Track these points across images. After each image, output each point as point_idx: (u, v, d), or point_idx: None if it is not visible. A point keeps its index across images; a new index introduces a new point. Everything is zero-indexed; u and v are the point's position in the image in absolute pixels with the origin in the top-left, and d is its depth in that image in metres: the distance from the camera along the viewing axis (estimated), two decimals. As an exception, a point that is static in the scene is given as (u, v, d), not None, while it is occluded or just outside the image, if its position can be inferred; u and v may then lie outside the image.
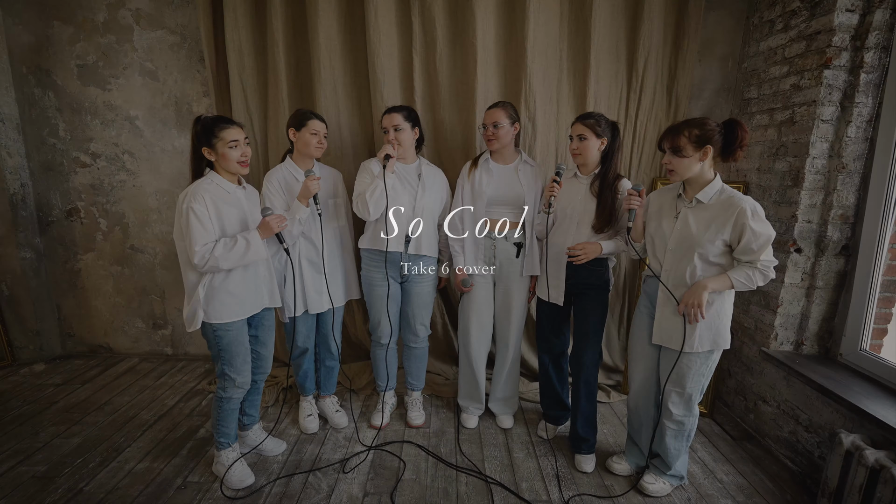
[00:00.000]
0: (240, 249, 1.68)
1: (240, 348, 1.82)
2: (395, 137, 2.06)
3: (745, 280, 1.58)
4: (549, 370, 2.22)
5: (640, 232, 1.83)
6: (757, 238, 1.53)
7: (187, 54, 2.73)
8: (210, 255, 1.63)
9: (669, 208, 1.75)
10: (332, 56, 2.47)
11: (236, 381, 1.83)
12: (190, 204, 1.62)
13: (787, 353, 2.22)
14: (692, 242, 1.62)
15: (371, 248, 2.17)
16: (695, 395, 1.74)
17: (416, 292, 2.24)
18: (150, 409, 2.50)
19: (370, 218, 2.06)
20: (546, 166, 2.56)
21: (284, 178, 2.05)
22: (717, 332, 1.67)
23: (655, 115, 2.53)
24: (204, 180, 1.71)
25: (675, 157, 1.61)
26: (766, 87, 2.33)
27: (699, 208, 1.64)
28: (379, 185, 2.00)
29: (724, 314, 1.67)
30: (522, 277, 2.21)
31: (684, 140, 1.58)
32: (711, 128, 1.57)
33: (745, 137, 1.56)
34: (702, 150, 1.57)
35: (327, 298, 2.18)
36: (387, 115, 2.09)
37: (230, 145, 1.68)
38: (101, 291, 3.10)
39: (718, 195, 1.62)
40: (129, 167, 2.90)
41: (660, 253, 1.75)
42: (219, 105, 2.64)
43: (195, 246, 1.62)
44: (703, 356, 1.69)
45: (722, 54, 2.52)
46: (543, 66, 2.45)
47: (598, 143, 1.90)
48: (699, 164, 1.60)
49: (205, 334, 1.79)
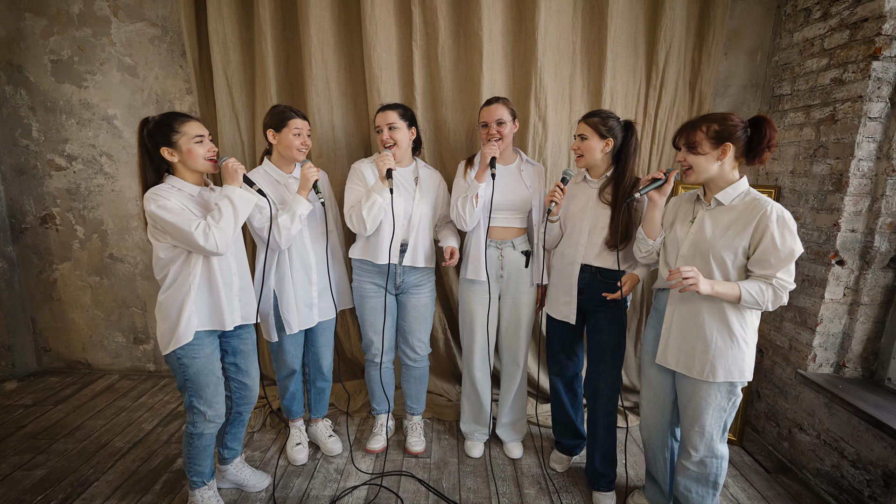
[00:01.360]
0: (227, 208, 1.50)
1: (209, 377, 1.61)
2: (389, 136, 1.87)
3: (755, 294, 1.33)
4: (561, 395, 2.01)
5: (656, 227, 1.58)
6: (778, 249, 1.31)
7: (169, 48, 2.53)
8: (210, 230, 1.45)
9: (686, 212, 1.54)
10: (325, 50, 2.27)
11: (207, 414, 1.62)
12: (153, 205, 1.42)
13: (827, 376, 2.00)
14: (706, 247, 1.41)
15: (363, 258, 1.96)
16: (716, 433, 1.49)
17: (413, 305, 2.03)
18: (124, 434, 2.28)
19: (365, 233, 1.87)
20: (557, 169, 2.35)
21: (264, 179, 1.83)
22: (735, 362, 1.41)
23: (677, 114, 2.32)
24: (162, 185, 1.50)
25: (690, 154, 1.41)
26: (800, 82, 2.12)
27: (718, 211, 1.43)
28: (377, 201, 1.81)
29: (747, 342, 1.42)
30: (531, 287, 2.00)
31: (700, 135, 1.38)
32: (734, 123, 1.36)
33: (773, 137, 1.35)
34: (720, 147, 1.37)
35: (318, 311, 1.97)
36: (381, 112, 1.90)
37: (196, 140, 1.49)
38: (79, 303, 2.89)
39: (742, 198, 1.41)
40: (108, 170, 2.70)
41: (671, 260, 1.53)
42: (202, 103, 2.44)
43: (189, 229, 1.42)
44: (725, 389, 1.45)
45: (750, 47, 2.31)
46: (555, 60, 2.24)
47: (601, 145, 1.69)
48: (717, 163, 1.39)
49: (168, 361, 1.58)
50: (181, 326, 1.51)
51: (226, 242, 1.50)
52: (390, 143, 1.88)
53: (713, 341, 1.42)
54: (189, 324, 1.52)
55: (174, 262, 1.52)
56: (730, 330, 1.41)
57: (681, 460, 1.58)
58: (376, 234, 1.91)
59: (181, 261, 1.52)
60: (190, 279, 1.52)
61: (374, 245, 1.93)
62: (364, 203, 1.81)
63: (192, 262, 1.52)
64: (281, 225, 1.72)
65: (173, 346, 1.52)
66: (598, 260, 1.75)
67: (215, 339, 1.64)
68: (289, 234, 1.75)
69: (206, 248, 1.47)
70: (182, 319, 1.51)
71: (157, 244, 1.50)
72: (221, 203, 1.51)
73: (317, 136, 2.32)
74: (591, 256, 1.76)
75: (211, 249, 1.48)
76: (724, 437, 1.52)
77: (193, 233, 1.43)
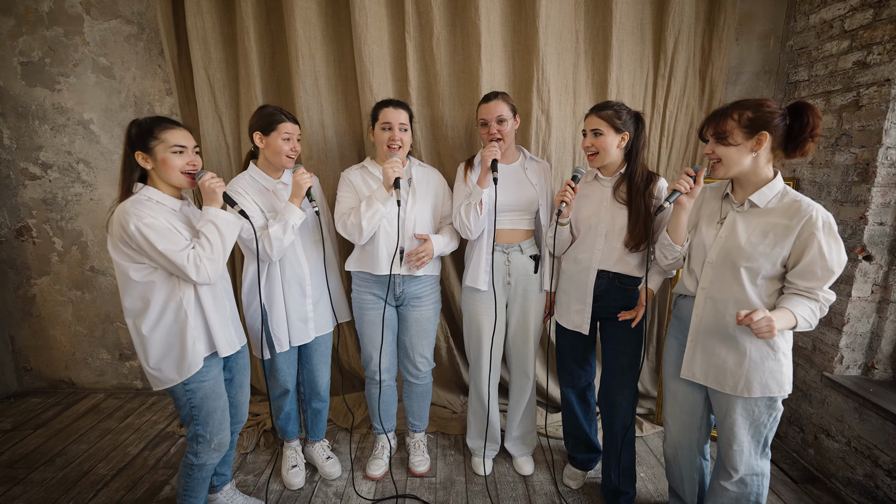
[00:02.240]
0: (214, 236, 1.36)
1: (217, 401, 1.48)
2: (399, 138, 1.74)
3: (809, 318, 1.21)
4: (573, 408, 1.87)
5: (683, 231, 1.43)
6: (825, 260, 1.18)
7: (146, 47, 2.38)
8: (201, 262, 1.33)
9: (713, 211, 1.40)
10: (312, 44, 2.13)
11: (213, 442, 1.48)
12: (136, 223, 1.27)
13: (855, 378, 1.88)
14: (739, 256, 1.28)
15: (359, 270, 1.83)
16: (756, 449, 1.37)
17: (415, 318, 1.89)
18: (108, 460, 2.13)
19: (360, 241, 1.74)
20: (562, 166, 2.22)
21: (251, 185, 1.69)
22: (772, 375, 1.28)
23: (687, 104, 2.20)
24: (138, 197, 1.35)
25: (720, 146, 1.27)
26: (819, 67, 1.99)
27: (753, 214, 1.29)
28: (379, 210, 1.68)
29: (785, 353, 1.30)
30: (541, 294, 1.87)
31: (731, 124, 1.24)
32: (771, 109, 1.21)
33: (817, 125, 1.21)
34: (755, 137, 1.22)
35: (314, 326, 1.83)
36: (393, 109, 1.74)
37: (174, 150, 1.34)
38: (60, 319, 2.74)
39: (779, 199, 1.27)
40: (86, 178, 2.54)
41: (696, 265, 1.40)
42: (183, 104, 2.29)
43: (181, 262, 1.30)
44: (764, 403, 1.32)
45: (762, 31, 2.19)
46: (558, 50, 2.11)
47: (617, 140, 1.56)
48: (750, 155, 1.25)
49: (171, 392, 1.44)
50: (188, 356, 1.38)
51: (217, 273, 1.38)
52: (396, 146, 1.74)
53: (747, 353, 1.30)
54: (195, 351, 1.39)
55: (155, 289, 1.35)
56: (764, 342, 1.28)
57: (719, 481, 1.44)
58: (371, 244, 1.78)
59: (166, 288, 1.36)
60: (185, 304, 1.38)
61: (369, 255, 1.79)
62: (365, 210, 1.67)
63: (183, 287, 1.38)
64: (272, 236, 1.58)
65: (184, 376, 1.39)
66: (617, 265, 1.62)
67: (219, 360, 1.51)
68: (281, 245, 1.61)
69: (198, 280, 1.35)
70: (188, 348, 1.38)
71: (127, 265, 1.32)
72: (206, 230, 1.36)
73: (306, 136, 2.18)
74: (609, 261, 1.62)
75: (203, 282, 1.37)
76: (766, 453, 1.39)
77: (186, 266, 1.31)
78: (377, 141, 1.77)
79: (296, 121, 1.70)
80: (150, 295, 1.34)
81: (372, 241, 1.77)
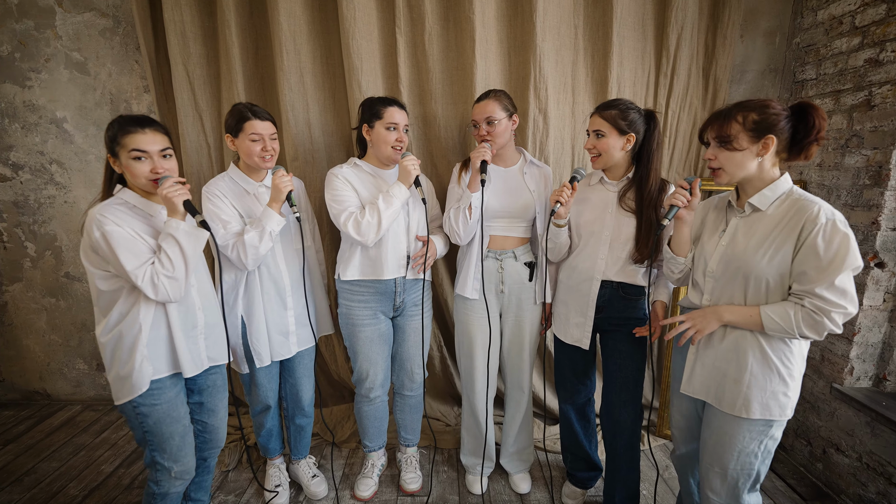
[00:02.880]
0: (174, 251, 1.24)
1: (174, 426, 1.36)
2: (404, 139, 1.66)
3: (780, 320, 1.11)
4: (573, 424, 1.78)
5: (686, 244, 1.34)
6: (819, 258, 1.07)
7: (122, 41, 2.25)
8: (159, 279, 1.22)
9: (716, 222, 1.31)
10: (298, 39, 2.01)
11: (172, 470, 1.37)
12: (101, 229, 1.18)
13: (866, 391, 1.80)
14: (739, 264, 1.18)
15: (362, 278, 1.70)
16: (742, 480, 1.25)
17: (414, 328, 1.79)
18: (80, 479, 2.01)
19: (375, 238, 1.59)
20: (560, 168, 2.12)
21: (230, 188, 1.58)
22: (774, 396, 1.17)
23: (690, 103, 2.11)
24: (112, 200, 1.27)
25: (724, 150, 1.17)
26: (827, 65, 1.91)
27: (754, 218, 1.20)
28: (395, 203, 1.58)
29: (792, 374, 1.18)
30: (536, 305, 1.77)
31: (737, 127, 1.14)
32: (776, 111, 1.12)
33: (822, 127, 1.12)
34: (761, 141, 1.13)
35: (296, 340, 1.73)
36: (398, 109, 1.65)
37: (133, 156, 1.23)
38: (33, 328, 2.60)
39: (782, 200, 1.17)
40: (59, 180, 2.41)
41: (699, 276, 1.31)
42: (160, 102, 2.17)
43: (136, 281, 1.20)
44: (757, 428, 1.20)
45: (768, 28, 2.11)
46: (556, 46, 2.01)
47: (620, 142, 1.46)
48: (756, 160, 1.15)
49: (123, 412, 1.33)
50: (134, 376, 1.27)
51: (179, 291, 1.27)
52: (400, 147, 1.66)
53: (749, 369, 1.20)
54: (141, 372, 1.27)
55: (120, 299, 1.26)
56: (768, 357, 1.18)
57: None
58: (378, 247, 1.67)
59: (130, 299, 1.27)
60: (140, 317, 1.27)
61: (374, 260, 1.68)
62: (384, 208, 1.55)
63: (143, 299, 1.27)
64: (247, 243, 1.47)
65: (127, 396, 1.28)
66: (620, 274, 1.52)
67: (179, 380, 1.39)
68: (256, 253, 1.50)
69: (157, 299, 1.25)
70: (134, 366, 1.26)
71: (95, 272, 1.24)
72: (166, 245, 1.25)
73: (291, 136, 2.06)
74: (611, 271, 1.53)
75: (162, 300, 1.26)
76: (755, 489, 1.28)
77: (141, 284, 1.20)
78: (378, 140, 1.65)
79: (269, 117, 1.58)
80: (112, 303, 1.26)
81: (378, 244, 1.66)
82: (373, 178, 1.70)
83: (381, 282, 1.68)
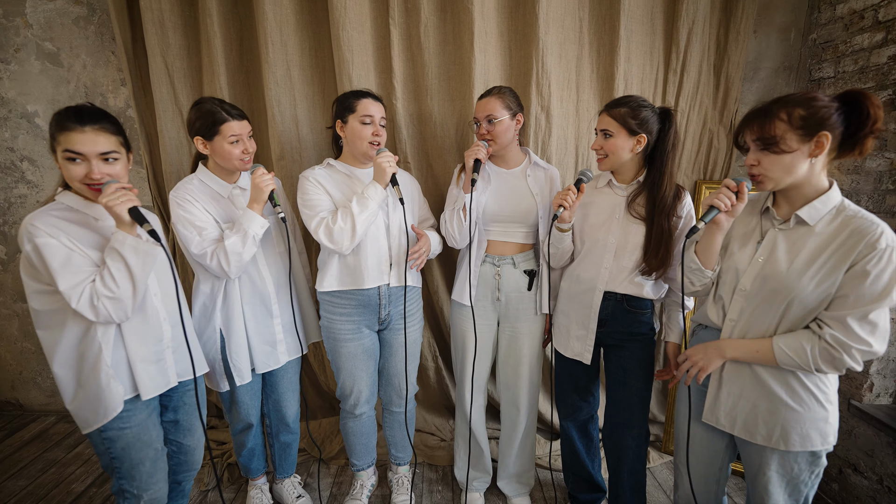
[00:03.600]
0: (118, 268, 1.09)
1: (145, 451, 1.23)
2: (381, 134, 1.54)
3: (795, 355, 1.02)
4: (574, 443, 1.66)
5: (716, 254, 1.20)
6: (864, 284, 0.96)
7: (98, 31, 2.11)
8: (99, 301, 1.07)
9: (749, 229, 1.18)
10: (284, 30, 1.88)
11: (142, 499, 1.25)
12: (33, 241, 1.05)
13: (887, 408, 1.70)
14: (781, 286, 1.05)
15: (341, 289, 1.57)
16: None
17: (402, 342, 1.66)
18: (49, 500, 1.87)
19: (347, 250, 1.47)
20: (563, 169, 2.01)
21: (201, 191, 1.45)
22: (814, 424, 1.07)
23: (700, 102, 2.00)
24: (49, 206, 1.14)
25: (769, 154, 1.02)
26: (847, 63, 1.80)
27: (799, 233, 1.07)
28: (374, 211, 1.46)
29: (830, 399, 1.09)
30: (536, 316, 1.65)
31: (782, 127, 1.00)
32: (824, 104, 0.98)
33: (879, 116, 0.97)
34: (813, 139, 0.99)
35: (285, 349, 1.61)
36: (373, 101, 1.53)
37: (66, 157, 1.09)
38: (5, 335, 2.46)
39: (834, 215, 1.04)
40: (31, 178, 2.27)
41: (725, 293, 1.18)
42: (138, 96, 2.03)
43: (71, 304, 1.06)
44: (807, 459, 1.11)
45: (782, 23, 2.00)
46: (560, 40, 1.89)
47: (630, 143, 1.34)
48: (807, 162, 1.01)
49: (88, 436, 1.21)
50: (105, 398, 1.14)
51: (124, 312, 1.13)
52: (378, 142, 1.54)
53: (782, 397, 1.09)
54: (111, 392, 1.15)
55: (66, 317, 1.11)
56: (802, 382, 1.07)
57: None
58: (355, 254, 1.54)
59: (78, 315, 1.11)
60: (99, 335, 1.14)
61: (353, 268, 1.55)
62: (358, 211, 1.42)
63: None
64: (229, 250, 1.35)
65: (99, 422, 1.16)
66: (626, 285, 1.41)
67: (150, 401, 1.26)
68: (240, 260, 1.37)
69: (97, 322, 1.10)
70: (102, 388, 1.14)
71: (37, 287, 1.09)
72: (110, 261, 1.10)
73: (277, 133, 1.93)
74: (616, 282, 1.41)
75: (103, 322, 1.11)
76: None
77: (76, 306, 1.06)
78: (353, 136, 1.53)
79: (243, 115, 1.46)
80: (61, 324, 1.11)
81: (356, 251, 1.54)
82: (348, 179, 1.58)
83: (362, 292, 1.55)
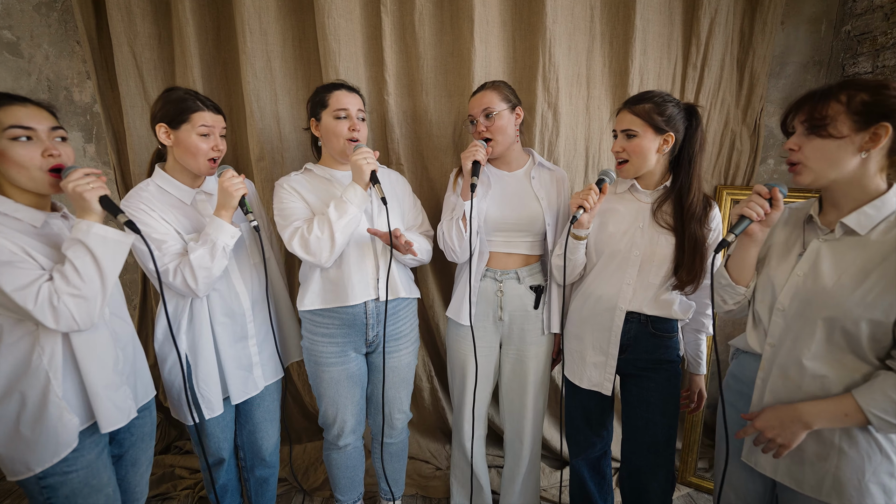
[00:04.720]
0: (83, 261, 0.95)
1: (95, 497, 1.06)
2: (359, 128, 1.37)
3: (885, 413, 0.84)
4: (586, 483, 1.48)
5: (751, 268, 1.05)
6: None
7: (61, 18, 1.92)
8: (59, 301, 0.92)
9: (789, 240, 1.02)
10: (265, 17, 1.70)
11: None
12: None
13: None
14: (825, 304, 0.90)
15: (324, 307, 1.39)
16: None
17: (392, 367, 1.48)
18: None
19: (327, 263, 1.30)
20: (571, 172, 1.83)
21: (158, 198, 1.25)
22: (877, 476, 0.91)
23: (722, 100, 1.83)
24: None
25: (813, 138, 0.88)
26: (887, 57, 1.64)
27: (848, 244, 0.91)
28: (355, 216, 1.28)
29: None
30: (543, 337, 1.47)
31: (836, 108, 0.86)
32: (894, 93, 0.83)
33: None
34: (869, 130, 0.84)
35: (262, 373, 1.43)
36: (347, 93, 1.36)
37: (10, 135, 0.93)
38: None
39: (890, 224, 0.88)
40: (-11, 179, 2.08)
41: (762, 311, 1.02)
42: (104, 89, 1.85)
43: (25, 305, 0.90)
44: None
45: (812, 14, 1.83)
46: (569, 30, 1.71)
47: (656, 143, 1.18)
48: (857, 156, 0.86)
49: (23, 485, 1.02)
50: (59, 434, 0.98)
51: (90, 315, 0.97)
52: (356, 138, 1.37)
53: (833, 441, 0.92)
54: (64, 424, 0.99)
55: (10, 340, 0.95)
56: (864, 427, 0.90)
57: None
58: (338, 267, 1.37)
59: (15, 337, 0.95)
60: (45, 363, 0.97)
61: (336, 282, 1.37)
62: (336, 217, 1.26)
63: (44, 337, 0.97)
64: (195, 264, 1.16)
65: (46, 463, 0.99)
66: (652, 305, 1.23)
67: (101, 437, 1.09)
68: (209, 276, 1.20)
69: (59, 328, 0.94)
70: (52, 423, 0.97)
71: None
72: (72, 254, 0.95)
73: (256, 131, 1.75)
74: (642, 301, 1.24)
75: (66, 328, 0.95)
76: None
77: (33, 309, 0.90)
78: (328, 134, 1.37)
79: (219, 110, 1.28)
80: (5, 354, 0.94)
81: (339, 263, 1.37)
82: (327, 183, 1.41)
83: (346, 309, 1.37)
